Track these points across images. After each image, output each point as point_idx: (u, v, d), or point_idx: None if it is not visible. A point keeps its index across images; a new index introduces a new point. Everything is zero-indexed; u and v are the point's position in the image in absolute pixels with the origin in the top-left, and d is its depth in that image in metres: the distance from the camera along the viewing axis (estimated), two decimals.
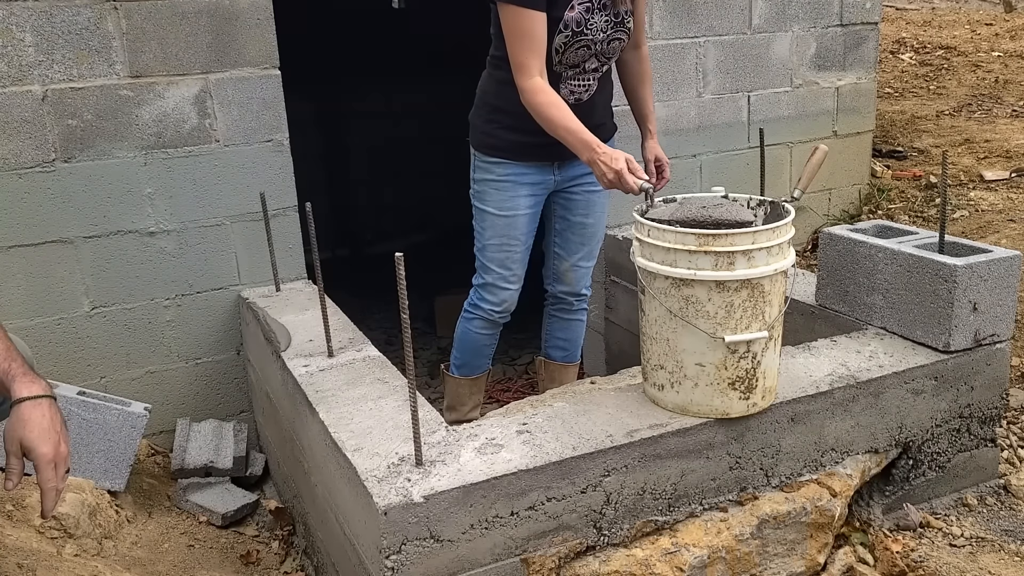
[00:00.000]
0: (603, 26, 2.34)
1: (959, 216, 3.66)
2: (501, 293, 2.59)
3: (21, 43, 2.48)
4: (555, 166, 2.53)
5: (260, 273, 2.87)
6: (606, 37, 2.37)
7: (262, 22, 2.74)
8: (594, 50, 2.37)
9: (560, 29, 2.29)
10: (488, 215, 2.54)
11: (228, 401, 2.96)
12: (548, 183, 2.55)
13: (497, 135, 2.48)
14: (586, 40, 2.34)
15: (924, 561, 2.00)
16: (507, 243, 2.54)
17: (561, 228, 2.67)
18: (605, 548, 1.82)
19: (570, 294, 2.74)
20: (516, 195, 2.51)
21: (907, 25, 7.59)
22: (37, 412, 1.45)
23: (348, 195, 5.92)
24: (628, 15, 2.38)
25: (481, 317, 2.64)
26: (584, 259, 2.70)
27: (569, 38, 2.32)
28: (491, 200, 2.53)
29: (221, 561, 2.34)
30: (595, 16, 2.33)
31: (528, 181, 2.51)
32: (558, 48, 2.32)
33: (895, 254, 2.21)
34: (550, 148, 2.42)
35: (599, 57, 2.40)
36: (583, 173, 2.55)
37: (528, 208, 2.54)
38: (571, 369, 2.89)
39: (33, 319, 2.64)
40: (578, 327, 2.82)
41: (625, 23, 2.39)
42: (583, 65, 2.39)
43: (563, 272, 2.71)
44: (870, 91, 3.88)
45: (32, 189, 2.57)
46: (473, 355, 2.72)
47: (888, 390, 2.09)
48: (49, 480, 1.44)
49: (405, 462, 1.72)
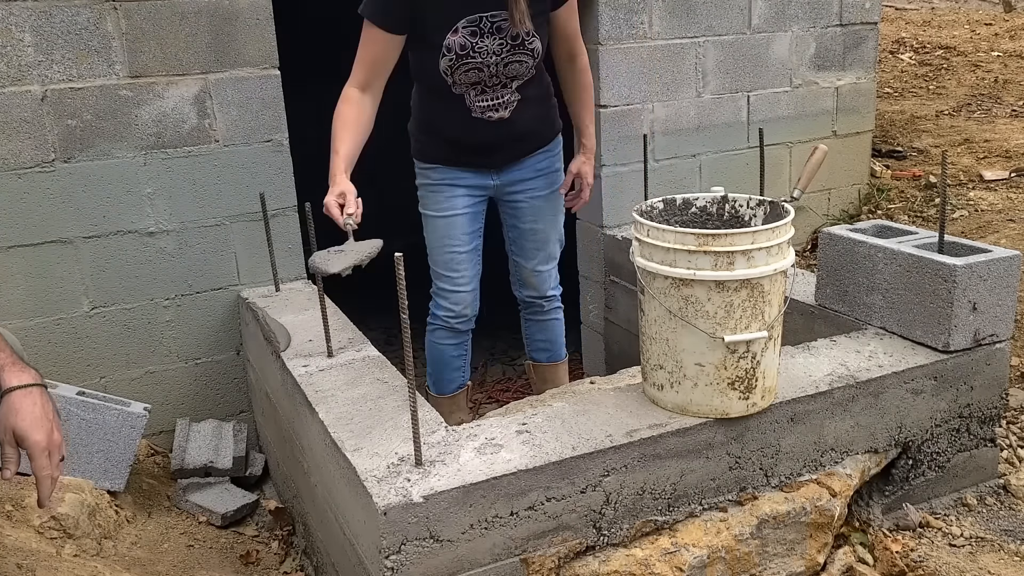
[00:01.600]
0: (495, 49, 2.29)
1: (959, 216, 3.66)
2: (452, 296, 2.59)
3: (20, 43, 2.48)
4: (492, 172, 2.54)
5: (260, 273, 2.87)
6: (500, 60, 2.31)
7: (261, 22, 2.74)
8: (487, 72, 2.32)
9: (443, 53, 2.27)
10: (429, 219, 2.57)
11: (228, 401, 2.96)
12: (488, 187, 2.56)
13: (430, 144, 2.52)
14: (475, 63, 2.30)
15: (924, 561, 2.00)
16: (449, 245, 2.54)
17: (514, 236, 2.68)
18: (605, 548, 1.82)
19: (538, 298, 2.75)
20: (453, 196, 2.52)
21: (907, 25, 7.59)
22: (28, 400, 1.44)
23: None
24: (530, 36, 2.30)
25: (441, 327, 2.64)
26: (542, 263, 2.69)
27: (453, 62, 2.29)
28: (430, 204, 2.56)
29: (221, 561, 2.34)
30: (484, 40, 2.27)
31: (465, 184, 2.52)
32: (445, 71, 2.31)
33: (895, 254, 2.21)
34: (483, 156, 2.46)
35: (499, 78, 2.35)
36: (525, 178, 2.56)
37: (466, 208, 2.54)
38: (560, 367, 2.90)
39: (32, 319, 2.64)
40: (555, 326, 2.83)
41: (526, 45, 2.31)
42: (483, 84, 2.35)
43: (526, 278, 2.72)
44: (870, 91, 3.88)
45: (31, 189, 2.57)
46: (443, 368, 2.71)
47: (888, 390, 2.09)
48: (44, 468, 1.43)
49: (405, 462, 1.72)
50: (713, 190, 2.01)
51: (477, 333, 2.70)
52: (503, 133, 2.44)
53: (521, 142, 2.51)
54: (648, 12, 3.26)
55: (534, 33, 2.30)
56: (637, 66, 3.29)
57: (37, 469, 1.43)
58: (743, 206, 1.99)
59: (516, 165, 2.54)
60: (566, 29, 2.42)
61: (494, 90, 2.37)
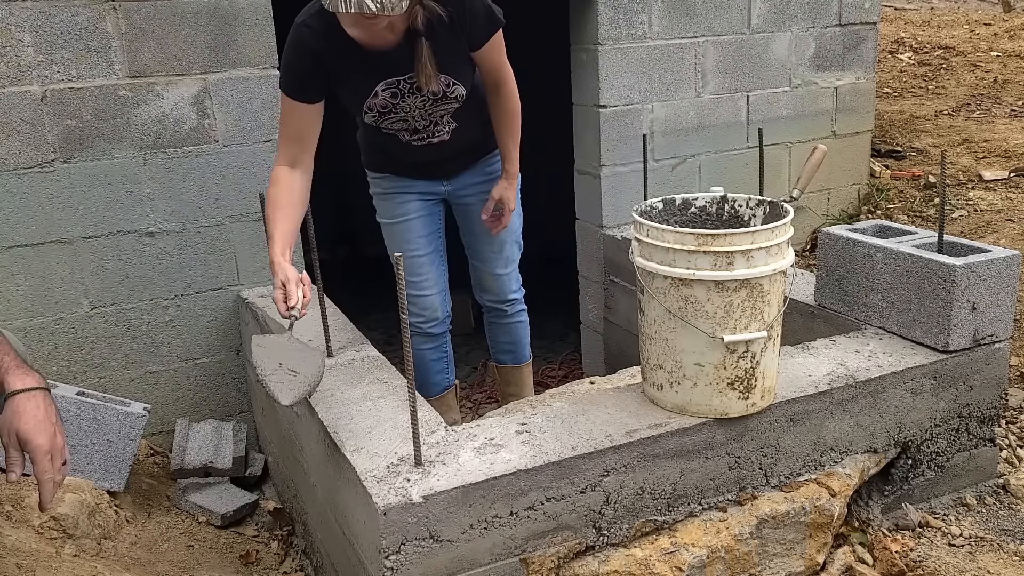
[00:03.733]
0: (419, 105, 2.27)
1: (958, 216, 3.66)
2: (419, 302, 2.58)
3: (20, 43, 2.48)
4: (443, 179, 2.53)
5: (259, 273, 2.87)
6: (425, 112, 2.29)
7: (261, 22, 2.74)
8: (414, 123, 2.31)
9: (365, 111, 2.26)
10: (385, 226, 2.57)
11: (227, 401, 2.96)
12: (439, 192, 2.56)
13: (376, 157, 2.53)
14: (399, 116, 2.28)
15: (923, 561, 2.00)
16: (408, 250, 2.53)
17: (470, 240, 2.67)
18: (604, 548, 1.82)
19: (500, 302, 2.74)
20: (404, 201, 2.52)
21: (906, 25, 7.60)
22: (31, 404, 1.45)
23: (347, 195, 5.92)
24: (452, 85, 2.25)
25: (415, 333, 2.62)
26: (501, 267, 2.68)
27: (377, 118, 2.28)
28: (383, 212, 2.56)
29: (220, 561, 2.34)
30: (406, 99, 2.24)
31: (416, 190, 2.52)
32: (372, 122, 2.30)
33: (894, 254, 2.21)
34: (430, 170, 2.46)
35: (427, 120, 2.32)
36: (476, 181, 2.55)
37: (419, 212, 2.53)
38: (524, 369, 2.89)
39: (32, 319, 2.64)
40: (518, 328, 2.82)
41: (449, 95, 2.27)
42: (413, 127, 2.33)
43: (485, 283, 2.71)
44: (869, 91, 3.88)
45: (31, 189, 2.57)
46: (424, 373, 2.70)
47: (887, 390, 2.09)
48: (46, 471, 1.44)
49: (404, 462, 1.72)
50: (713, 190, 2.01)
51: (477, 333, 2.70)
52: (445, 152, 2.43)
53: (464, 154, 2.50)
54: (647, 12, 3.26)
55: (454, 83, 2.26)
56: (636, 66, 3.29)
57: (39, 473, 1.43)
58: (742, 206, 1.99)
59: (466, 171, 2.54)
60: (489, 64, 2.33)
61: (425, 129, 2.36)
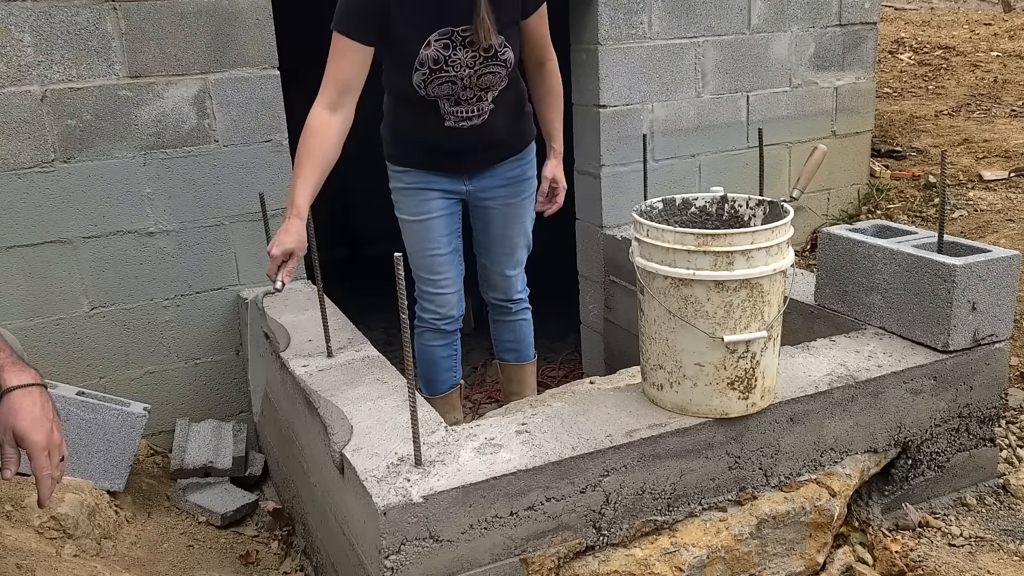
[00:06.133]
0: (468, 62, 2.28)
1: (958, 216, 3.66)
2: (437, 299, 2.59)
3: (20, 43, 2.48)
4: (465, 177, 2.54)
5: (259, 273, 2.87)
6: (473, 73, 2.30)
7: (261, 22, 2.74)
8: (461, 84, 2.32)
9: (416, 67, 2.26)
10: (405, 223, 2.56)
11: (227, 401, 2.96)
12: (460, 191, 2.56)
13: (403, 148, 2.51)
14: (448, 76, 2.29)
15: (923, 561, 2.00)
16: (428, 248, 2.54)
17: (483, 240, 2.68)
18: (604, 548, 1.82)
19: (505, 300, 2.76)
20: (427, 199, 2.52)
21: (906, 25, 7.60)
22: (28, 400, 1.44)
23: (347, 195, 5.93)
24: (502, 47, 2.29)
25: (427, 328, 2.64)
26: (510, 268, 2.70)
27: (427, 75, 2.28)
28: (405, 207, 2.55)
29: (220, 561, 2.34)
30: (457, 52, 2.26)
31: (438, 187, 2.52)
32: (418, 84, 2.30)
33: (894, 254, 2.21)
34: (455, 162, 2.46)
35: (472, 89, 2.34)
36: (497, 185, 2.56)
37: (442, 211, 2.53)
38: (527, 367, 2.90)
39: (32, 319, 2.64)
40: (523, 327, 2.83)
41: (498, 56, 2.30)
42: (457, 96, 2.34)
43: (493, 281, 2.73)
44: (869, 91, 3.88)
45: (31, 189, 2.57)
46: (432, 370, 2.71)
47: (887, 390, 2.09)
48: (44, 468, 1.43)
49: (404, 462, 1.72)
50: (712, 190, 2.01)
51: (477, 333, 2.70)
52: (475, 140, 2.44)
53: (492, 150, 2.51)
54: (648, 12, 3.26)
55: (505, 44, 2.30)
56: (636, 66, 3.29)
57: (37, 469, 1.43)
58: (742, 206, 1.99)
59: (487, 172, 2.54)
60: (536, 36, 2.40)
61: (468, 101, 2.37)
